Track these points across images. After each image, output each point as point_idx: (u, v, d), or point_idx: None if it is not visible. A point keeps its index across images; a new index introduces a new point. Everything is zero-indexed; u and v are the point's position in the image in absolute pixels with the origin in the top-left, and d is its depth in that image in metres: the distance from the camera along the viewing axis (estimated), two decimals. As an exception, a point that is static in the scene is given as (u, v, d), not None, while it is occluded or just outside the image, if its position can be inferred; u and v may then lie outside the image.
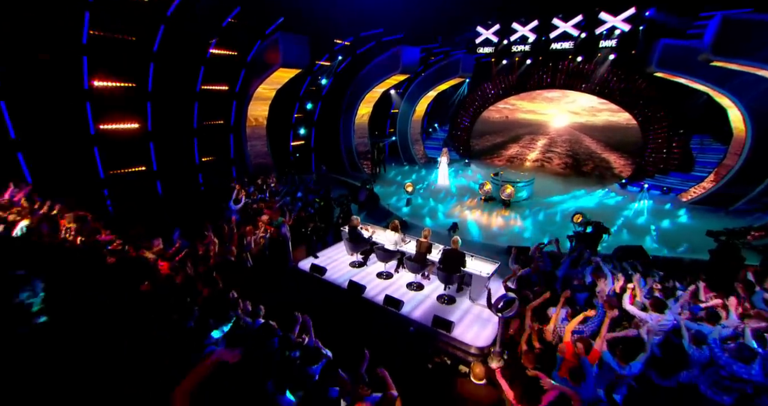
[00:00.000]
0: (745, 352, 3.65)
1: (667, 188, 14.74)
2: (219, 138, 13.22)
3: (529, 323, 4.89)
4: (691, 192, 13.61)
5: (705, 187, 13.24)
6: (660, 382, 4.34)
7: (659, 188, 14.92)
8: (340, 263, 8.02)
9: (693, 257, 8.52)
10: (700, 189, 13.39)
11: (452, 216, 11.56)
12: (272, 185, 11.78)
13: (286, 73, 12.01)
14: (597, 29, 12.49)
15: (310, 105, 15.69)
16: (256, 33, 11.22)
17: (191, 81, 11.21)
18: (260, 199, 10.39)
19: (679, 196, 14.04)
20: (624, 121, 16.21)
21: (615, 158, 16.74)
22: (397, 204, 13.00)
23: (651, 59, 12.84)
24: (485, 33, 13.64)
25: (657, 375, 4.36)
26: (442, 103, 20.64)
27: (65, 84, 8.43)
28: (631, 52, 13.46)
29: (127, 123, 10.35)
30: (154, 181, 11.62)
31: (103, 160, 10.07)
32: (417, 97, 17.97)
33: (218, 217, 9.29)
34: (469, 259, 6.78)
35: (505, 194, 11.89)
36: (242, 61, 11.90)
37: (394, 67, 13.92)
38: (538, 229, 10.39)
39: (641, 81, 15.17)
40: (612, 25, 12.42)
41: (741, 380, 3.79)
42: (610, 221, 11.09)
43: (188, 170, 12.46)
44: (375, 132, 18.65)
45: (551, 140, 18.15)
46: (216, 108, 12.60)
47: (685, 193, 13.89)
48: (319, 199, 11.07)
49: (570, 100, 16.94)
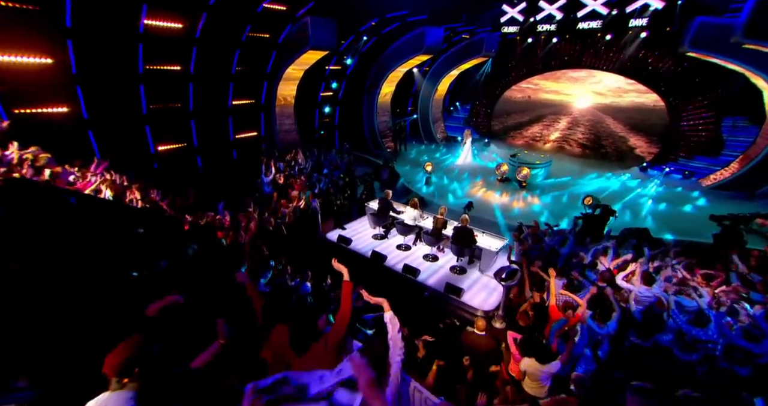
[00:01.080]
0: (702, 318, 4.39)
1: (689, 172, 14.67)
2: (251, 116, 14.12)
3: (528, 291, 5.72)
4: (714, 176, 13.55)
5: (729, 172, 13.14)
6: (639, 342, 5.15)
7: (681, 172, 14.85)
8: (364, 236, 8.98)
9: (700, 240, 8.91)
10: (724, 173, 13.31)
11: (469, 195, 12.20)
12: (300, 162, 12.70)
13: (315, 54, 12.54)
14: (628, 7, 12.12)
15: (335, 84, 16.21)
16: (288, 17, 11.71)
17: (227, 63, 11.97)
18: (290, 174, 11.36)
19: (701, 180, 14.01)
20: (651, 103, 15.87)
21: (638, 141, 16.55)
22: (417, 182, 13.70)
23: (684, 38, 12.46)
24: (511, 11, 13.45)
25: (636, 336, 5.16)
26: (465, 82, 20.55)
27: (124, 69, 9.40)
28: (665, 30, 12.99)
29: (172, 103, 11.37)
30: (195, 157, 12.76)
31: (153, 137, 11.22)
32: (439, 76, 18.06)
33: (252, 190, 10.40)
34: (481, 235, 7.56)
35: (521, 175, 12.35)
36: (273, 43, 12.48)
37: (418, 48, 14.10)
38: (551, 209, 10.92)
39: (673, 61, 14.69)
40: (645, 2, 12.01)
41: (701, 341, 4.57)
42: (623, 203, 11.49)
43: (224, 146, 13.52)
44: (397, 110, 19.02)
45: (573, 121, 17.99)
46: (248, 88, 13.39)
47: (706, 178, 13.85)
48: (343, 175, 11.96)
49: (596, 80, 16.59)
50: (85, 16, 7.96)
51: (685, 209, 11.52)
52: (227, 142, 13.61)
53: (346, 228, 9.14)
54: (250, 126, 14.15)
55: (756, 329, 4.09)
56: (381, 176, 12.53)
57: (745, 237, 7.53)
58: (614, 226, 8.62)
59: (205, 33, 10.32)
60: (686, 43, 12.28)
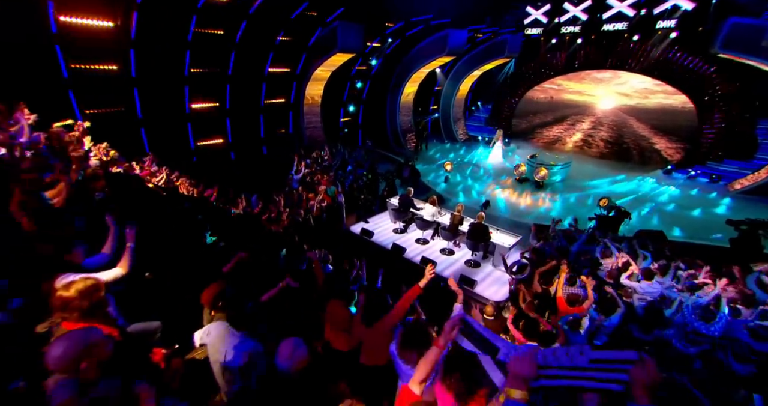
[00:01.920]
0: (708, 314, 4.74)
1: (716, 176, 14.39)
2: (280, 115, 14.99)
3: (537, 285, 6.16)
4: (742, 181, 13.29)
5: (759, 176, 12.87)
6: (640, 336, 5.52)
7: (708, 176, 14.59)
8: (385, 229, 9.59)
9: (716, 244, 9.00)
10: (753, 178, 13.03)
11: (486, 194, 12.57)
12: (326, 158, 13.45)
13: (342, 57, 13.20)
14: (656, 8, 12.02)
15: (360, 84, 16.84)
16: (318, 21, 12.40)
17: (261, 65, 12.82)
18: (317, 170, 12.12)
19: (728, 185, 13.75)
20: (679, 105, 15.58)
21: (664, 143, 16.29)
22: (436, 180, 14.17)
23: (715, 39, 12.26)
24: (535, 13, 13.57)
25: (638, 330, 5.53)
26: (488, 82, 20.68)
27: (173, 73, 10.38)
28: (698, 30, 12.76)
29: (211, 102, 12.34)
30: (229, 152, 13.74)
31: (194, 134, 12.24)
32: (461, 77, 18.34)
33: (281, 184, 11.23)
34: (495, 232, 8.02)
35: (539, 176, 12.59)
36: (304, 46, 13.23)
37: (441, 50, 14.49)
38: (567, 210, 11.15)
39: (704, 61, 14.37)
40: (674, 3, 11.88)
41: (702, 335, 4.92)
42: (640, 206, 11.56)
43: (255, 143, 14.46)
44: (419, 108, 19.45)
45: (596, 122, 17.85)
46: (279, 88, 14.24)
47: (734, 182, 13.58)
48: (366, 172, 12.61)
49: (621, 81, 16.40)
50: (147, 29, 8.91)
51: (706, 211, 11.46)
52: (258, 139, 14.54)
53: (368, 222, 9.78)
54: (279, 124, 15.03)
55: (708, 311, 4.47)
56: (402, 174, 13.09)
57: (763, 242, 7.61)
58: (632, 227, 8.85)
59: (243, 38, 11.17)
60: (717, 44, 12.10)
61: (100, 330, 1.47)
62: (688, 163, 15.53)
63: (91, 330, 1.43)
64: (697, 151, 15.59)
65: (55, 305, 1.71)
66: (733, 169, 14.51)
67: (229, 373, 2.32)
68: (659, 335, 5.29)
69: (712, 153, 15.24)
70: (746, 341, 4.61)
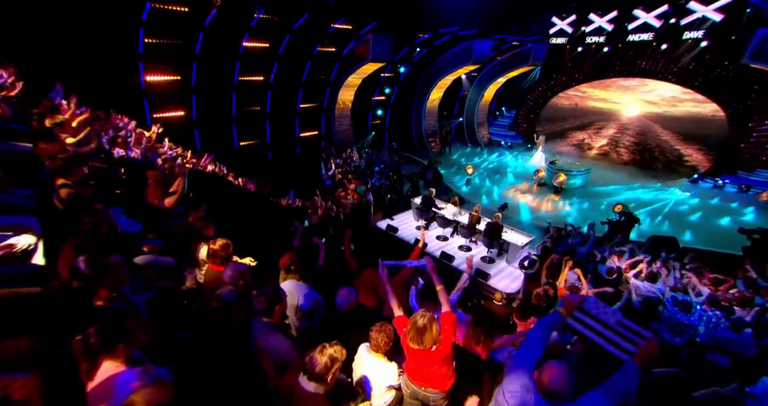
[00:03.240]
0: (687, 306, 5.35)
1: (745, 186, 14.26)
2: (314, 118, 16.21)
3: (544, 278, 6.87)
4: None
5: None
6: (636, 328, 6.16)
7: (737, 186, 14.46)
8: (408, 226, 10.47)
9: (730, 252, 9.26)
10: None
11: (505, 197, 13.20)
12: (355, 159, 14.49)
13: (373, 66, 14.23)
14: (684, 19, 12.18)
15: (388, 90, 17.81)
16: (352, 34, 13.48)
17: (299, 73, 14.05)
18: (347, 170, 13.17)
19: (758, 195, 13.63)
20: (709, 113, 15.48)
21: (691, 152, 16.19)
22: (458, 182, 14.90)
23: (745, 50, 12.31)
24: (560, 24, 13.98)
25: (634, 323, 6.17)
26: (513, 87, 21.09)
27: (225, 81, 11.76)
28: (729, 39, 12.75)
29: (254, 107, 13.69)
30: (267, 151, 15.07)
31: (238, 135, 13.62)
32: (486, 84, 18.93)
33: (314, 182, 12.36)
34: (510, 231, 8.75)
35: (557, 182, 13.07)
36: (338, 55, 14.35)
37: (466, 59, 15.21)
38: (582, 215, 11.62)
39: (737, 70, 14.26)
40: (702, 14, 12.02)
41: (684, 325, 5.53)
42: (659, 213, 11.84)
43: (290, 143, 15.74)
44: (444, 113, 20.18)
45: (621, 130, 17.91)
46: (314, 94, 15.45)
47: (764, 193, 13.44)
48: (392, 173, 13.54)
49: (648, 89, 16.44)
50: (208, 43, 10.28)
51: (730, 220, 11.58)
52: (293, 140, 15.81)
53: (393, 219, 10.70)
54: (312, 126, 16.26)
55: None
56: (426, 176, 13.91)
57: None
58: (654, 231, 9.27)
59: (286, 50, 12.40)
60: (747, 54, 12.15)
61: (245, 265, 2.47)
62: (716, 172, 15.40)
63: (241, 265, 2.43)
64: (727, 160, 15.42)
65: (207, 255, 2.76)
66: (766, 179, 14.28)
67: (300, 313, 3.30)
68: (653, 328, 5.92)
69: (744, 162, 15.03)
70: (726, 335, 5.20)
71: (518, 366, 1.88)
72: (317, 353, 1.81)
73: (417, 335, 2.30)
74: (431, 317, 2.35)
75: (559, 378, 1.73)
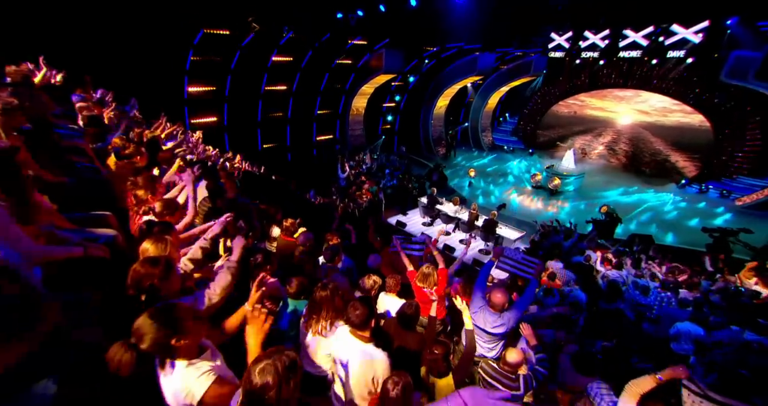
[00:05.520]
0: (645, 289, 6.60)
1: (727, 192, 15.33)
2: (329, 123, 17.63)
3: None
4: (748, 198, 14.25)
5: (763, 194, 13.83)
6: (605, 307, 7.40)
7: (719, 191, 15.52)
8: (415, 222, 11.81)
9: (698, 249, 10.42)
10: (759, 195, 13.99)
11: (504, 198, 14.45)
12: (367, 161, 15.86)
13: (385, 77, 15.60)
14: (667, 40, 13.35)
15: (398, 97, 19.17)
16: (367, 48, 14.88)
17: (318, 83, 15.48)
18: (360, 172, 14.55)
19: (737, 199, 14.71)
20: (697, 123, 16.57)
21: (680, 159, 17.28)
22: (461, 184, 16.15)
23: (721, 69, 13.54)
24: (558, 39, 15.17)
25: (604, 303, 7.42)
26: (516, 94, 22.30)
27: (253, 90, 13.22)
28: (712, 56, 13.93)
29: (277, 113, 15.14)
30: (286, 154, 16.50)
31: (262, 138, 15.07)
32: (489, 92, 20.19)
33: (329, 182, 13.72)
34: (504, 227, 10.03)
35: (552, 185, 14.28)
36: (353, 67, 15.76)
37: (471, 70, 16.51)
38: (574, 216, 12.81)
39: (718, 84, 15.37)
40: (684, 36, 13.19)
41: (642, 305, 6.77)
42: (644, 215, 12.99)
43: (307, 146, 17.16)
44: (450, 118, 21.45)
45: (616, 137, 19.05)
46: (330, 101, 16.87)
47: (741, 198, 14.54)
48: (401, 175, 14.87)
49: (641, 99, 17.57)
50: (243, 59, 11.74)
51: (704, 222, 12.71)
52: (310, 143, 17.23)
53: (407, 214, 12.06)
54: (328, 130, 17.68)
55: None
56: (432, 178, 15.21)
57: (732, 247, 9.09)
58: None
59: (308, 63, 13.84)
60: (723, 73, 13.37)
61: (311, 233, 3.83)
62: (702, 178, 16.46)
63: (309, 234, 3.79)
64: (711, 167, 16.49)
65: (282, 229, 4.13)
66: (746, 185, 15.37)
67: (340, 274, 4.67)
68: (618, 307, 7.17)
69: (727, 169, 16.11)
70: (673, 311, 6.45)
71: (475, 295, 3.24)
72: (366, 278, 3.16)
73: (423, 278, 3.63)
74: (433, 267, 3.69)
75: (497, 297, 3.07)
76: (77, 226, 2.28)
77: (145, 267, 1.64)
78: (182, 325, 1.40)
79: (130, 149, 3.29)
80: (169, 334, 1.36)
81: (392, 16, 11.58)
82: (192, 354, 1.47)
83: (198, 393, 1.39)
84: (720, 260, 7.96)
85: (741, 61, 12.66)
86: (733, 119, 15.58)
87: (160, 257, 1.74)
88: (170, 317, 1.38)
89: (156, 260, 1.69)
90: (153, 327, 1.33)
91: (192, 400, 1.39)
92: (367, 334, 2.12)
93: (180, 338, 1.39)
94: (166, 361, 1.43)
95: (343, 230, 5.33)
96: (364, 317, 2.07)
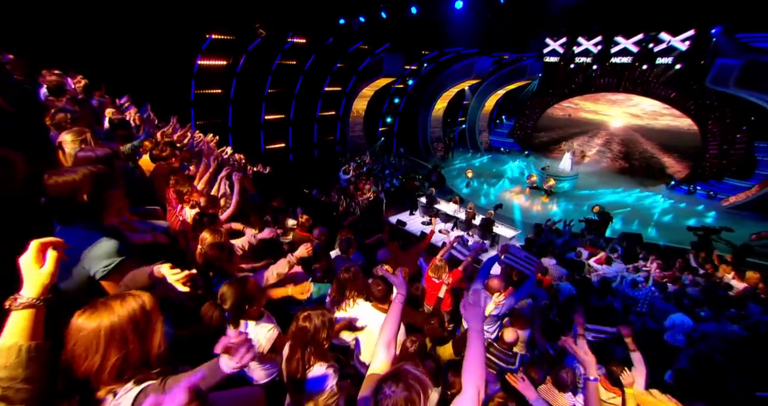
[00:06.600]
0: (634, 284, 7.07)
1: (713, 193, 15.92)
2: (330, 124, 18.00)
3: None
4: (733, 198, 14.85)
5: (747, 194, 14.43)
6: (596, 303, 7.86)
7: (706, 192, 16.11)
8: (415, 221, 12.22)
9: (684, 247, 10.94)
10: (742, 196, 14.60)
11: (500, 198, 14.92)
12: (367, 162, 16.26)
13: (385, 80, 16.02)
14: (656, 47, 13.95)
15: (397, 99, 19.59)
16: (368, 53, 15.28)
17: (319, 85, 15.85)
18: (361, 172, 14.93)
19: (722, 200, 15.30)
20: (685, 127, 17.17)
21: (670, 161, 17.88)
22: (459, 184, 16.60)
23: (707, 76, 14.16)
24: (552, 44, 15.73)
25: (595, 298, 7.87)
26: (513, 97, 22.82)
27: (257, 92, 13.57)
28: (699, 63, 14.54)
29: (279, 115, 15.49)
30: (288, 154, 16.84)
31: (265, 139, 15.41)
32: (486, 95, 20.69)
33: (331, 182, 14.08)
34: (500, 226, 10.48)
35: (547, 185, 14.77)
36: (354, 70, 16.16)
37: (468, 74, 16.98)
38: (567, 215, 13.29)
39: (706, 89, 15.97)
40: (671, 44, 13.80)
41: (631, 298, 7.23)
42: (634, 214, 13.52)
43: (309, 147, 17.52)
44: (448, 120, 21.90)
45: (608, 139, 19.63)
46: (331, 103, 17.24)
47: (727, 199, 15.13)
48: (401, 176, 15.29)
49: (633, 103, 18.15)
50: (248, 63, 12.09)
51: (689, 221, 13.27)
52: (312, 144, 17.59)
53: (414, 213, 12.48)
54: (329, 132, 18.05)
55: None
56: (431, 178, 15.63)
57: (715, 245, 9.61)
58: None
59: (310, 66, 14.22)
60: (708, 79, 13.99)
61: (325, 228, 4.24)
62: (690, 179, 17.06)
63: (323, 228, 4.20)
64: (699, 169, 17.10)
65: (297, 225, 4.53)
66: (731, 186, 15.98)
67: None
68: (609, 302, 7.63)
69: (714, 171, 16.73)
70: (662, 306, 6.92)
71: (477, 281, 3.67)
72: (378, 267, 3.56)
73: (435, 271, 4.07)
74: (445, 262, 4.13)
75: (494, 282, 3.50)
76: (137, 217, 2.67)
77: (214, 251, 2.05)
78: (251, 293, 1.81)
79: (167, 152, 3.67)
80: (242, 299, 1.77)
81: (393, 22, 12.02)
82: (257, 317, 1.88)
83: (265, 342, 1.80)
84: (702, 257, 8.47)
85: (724, 68, 13.26)
86: (719, 124, 16.20)
87: (224, 243, 2.15)
88: (243, 288, 1.79)
89: (222, 246, 2.10)
90: (233, 293, 1.74)
91: (262, 349, 1.80)
92: (386, 307, 2.54)
93: (251, 304, 1.79)
94: (239, 321, 1.84)
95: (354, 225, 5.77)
96: (384, 292, 2.53)
